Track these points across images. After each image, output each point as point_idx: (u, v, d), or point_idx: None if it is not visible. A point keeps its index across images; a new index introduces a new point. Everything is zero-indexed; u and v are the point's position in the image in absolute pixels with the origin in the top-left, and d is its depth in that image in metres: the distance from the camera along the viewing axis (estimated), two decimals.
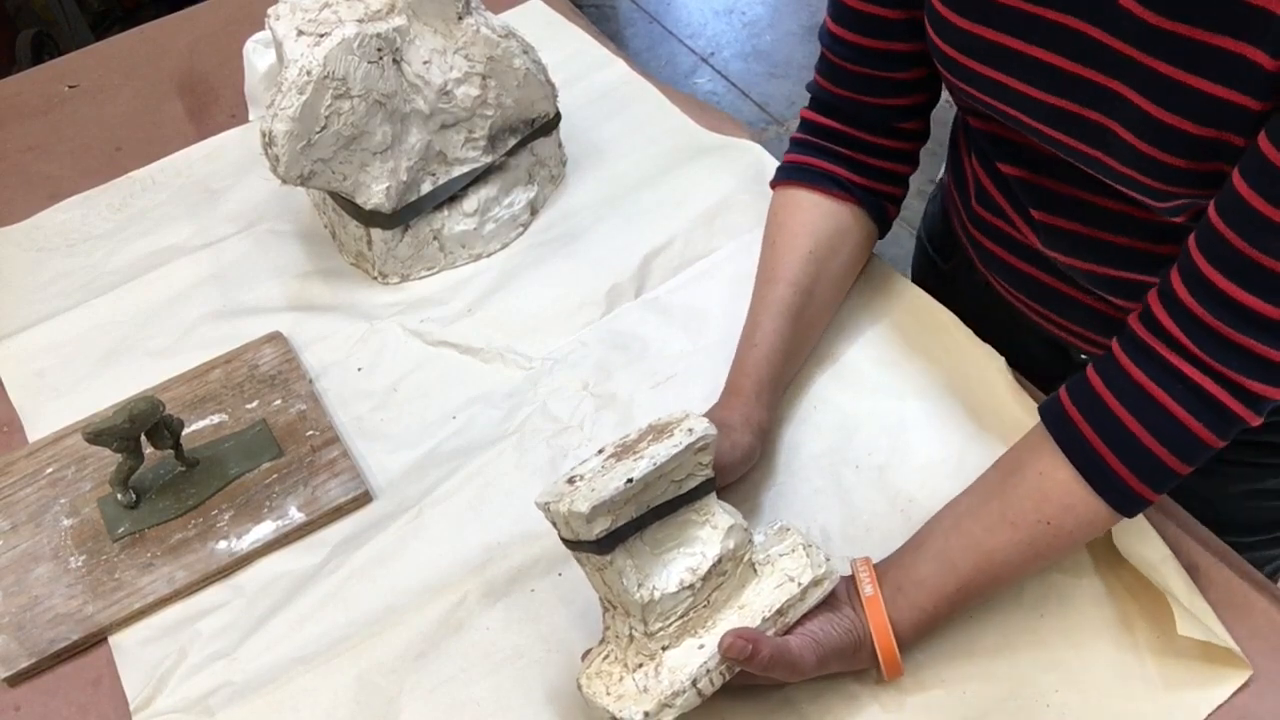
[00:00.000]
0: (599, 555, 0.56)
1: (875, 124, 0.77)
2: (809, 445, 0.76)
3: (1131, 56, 0.55)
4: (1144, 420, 0.58)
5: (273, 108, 0.78)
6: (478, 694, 0.65)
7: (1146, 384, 0.58)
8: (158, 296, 0.91)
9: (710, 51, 2.69)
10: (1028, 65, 0.61)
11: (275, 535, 0.73)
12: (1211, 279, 0.54)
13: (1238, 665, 0.61)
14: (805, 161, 0.79)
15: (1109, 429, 0.59)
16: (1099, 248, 0.69)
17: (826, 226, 0.77)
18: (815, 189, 0.77)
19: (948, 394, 0.77)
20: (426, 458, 0.77)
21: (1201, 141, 0.55)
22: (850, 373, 0.80)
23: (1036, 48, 0.60)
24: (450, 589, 0.70)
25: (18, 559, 0.73)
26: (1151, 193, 0.59)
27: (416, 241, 0.89)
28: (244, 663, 0.67)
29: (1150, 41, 0.54)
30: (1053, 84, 0.61)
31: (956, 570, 0.61)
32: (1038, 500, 0.60)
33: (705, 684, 0.57)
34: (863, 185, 0.78)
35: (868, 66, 0.73)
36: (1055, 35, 0.59)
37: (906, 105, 0.76)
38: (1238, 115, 0.53)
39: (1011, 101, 0.64)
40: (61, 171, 1.04)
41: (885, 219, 0.80)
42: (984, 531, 0.61)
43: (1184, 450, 0.57)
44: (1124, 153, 0.59)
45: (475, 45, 0.85)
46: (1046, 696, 0.62)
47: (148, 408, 0.70)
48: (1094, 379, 0.60)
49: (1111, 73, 0.57)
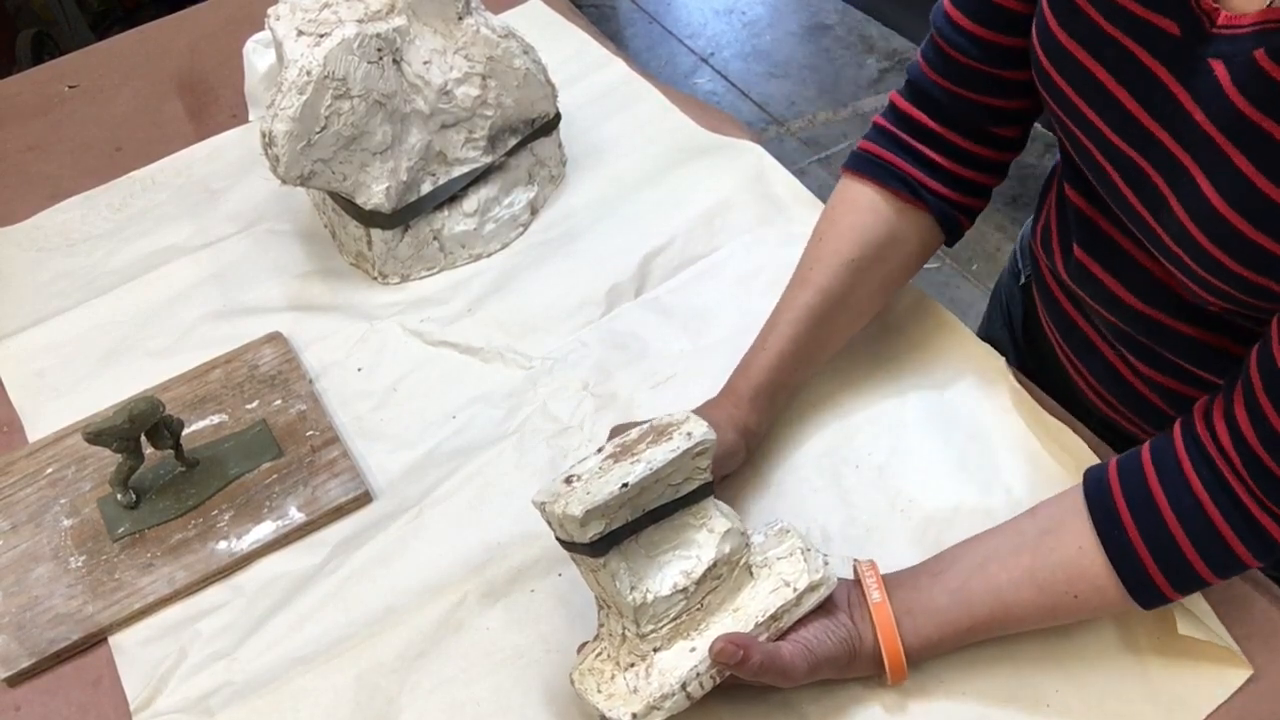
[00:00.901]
0: (593, 558, 0.56)
1: (970, 125, 0.71)
2: (809, 445, 0.76)
3: (1211, 136, 0.52)
4: (1188, 528, 0.56)
5: (273, 108, 0.79)
6: (478, 694, 0.65)
7: (1199, 492, 0.56)
8: (158, 296, 0.91)
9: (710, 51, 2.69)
10: (1107, 99, 0.58)
11: (275, 535, 0.73)
12: (1274, 425, 0.53)
13: (1238, 665, 0.61)
14: (880, 155, 0.73)
15: (1151, 527, 0.57)
16: (1125, 309, 0.67)
17: (879, 233, 0.73)
18: (882, 187, 0.73)
19: (948, 394, 0.77)
20: (426, 458, 0.77)
21: (1257, 248, 0.52)
22: (851, 372, 0.79)
23: (1121, 87, 0.57)
24: (450, 589, 0.70)
25: (18, 559, 0.73)
26: (1192, 276, 0.57)
27: (416, 242, 0.89)
28: (244, 663, 0.67)
29: (1236, 128, 0.51)
30: (1125, 129, 0.58)
31: (972, 612, 0.61)
32: (1071, 575, 0.59)
33: (694, 687, 0.57)
34: (937, 192, 0.73)
35: (979, 60, 0.68)
36: (1142, 81, 0.56)
37: (1009, 108, 0.70)
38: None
39: (1086, 131, 0.61)
40: (61, 171, 1.04)
41: (957, 229, 0.75)
42: (1009, 584, 0.60)
43: (1220, 565, 0.57)
44: (1174, 228, 0.56)
45: (475, 45, 0.85)
46: (1046, 696, 0.62)
47: (148, 408, 0.70)
48: (1148, 468, 0.58)
49: (1185, 143, 0.54)
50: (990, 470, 0.72)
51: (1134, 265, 0.65)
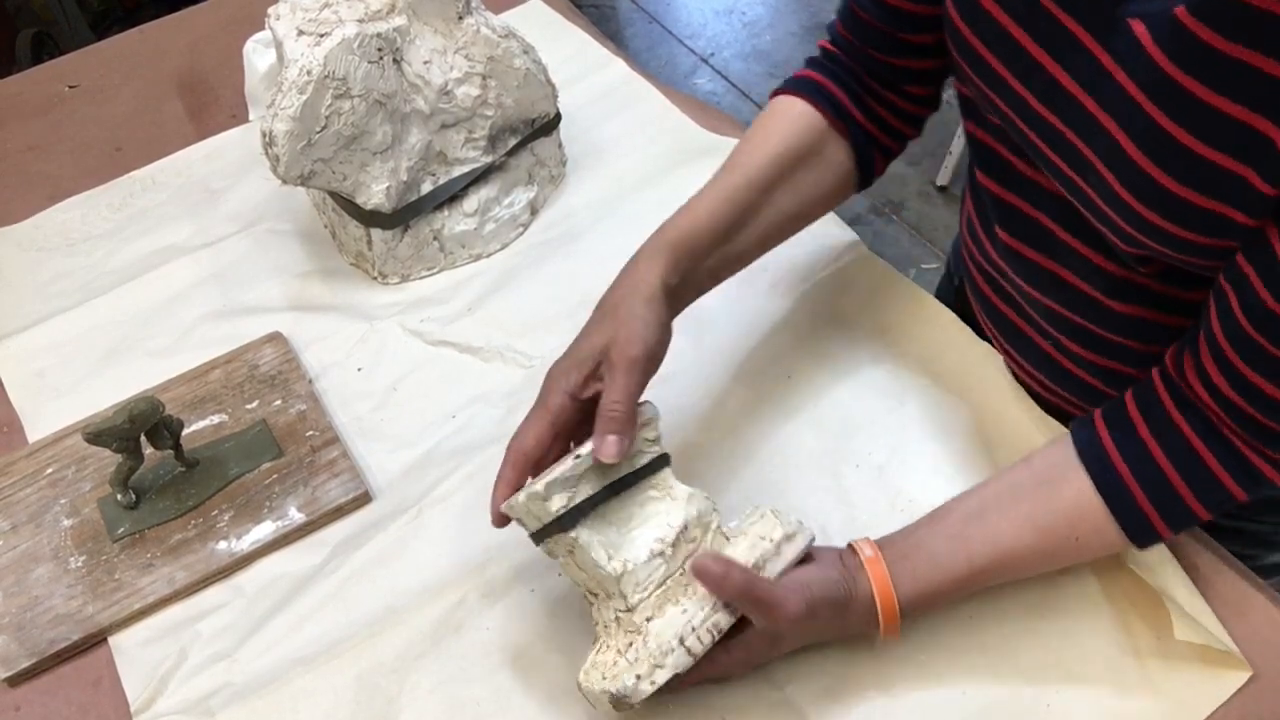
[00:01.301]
0: (565, 534, 0.58)
1: (886, 79, 0.74)
2: (809, 444, 0.76)
3: (1131, 95, 0.53)
4: (1179, 467, 0.58)
5: (273, 108, 0.79)
6: (478, 694, 0.65)
7: (1188, 433, 0.58)
8: (158, 296, 0.91)
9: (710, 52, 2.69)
10: (1027, 63, 0.59)
11: (275, 535, 0.73)
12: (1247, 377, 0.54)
13: (1237, 666, 0.61)
14: (811, 76, 0.75)
15: (1143, 467, 0.59)
16: (1058, 284, 0.69)
17: (806, 139, 0.73)
18: (811, 102, 0.74)
19: (948, 394, 0.77)
20: (426, 457, 0.77)
21: (1185, 203, 0.53)
22: (850, 372, 0.80)
23: (1041, 49, 0.58)
24: (450, 589, 0.70)
25: (18, 559, 0.72)
26: (1124, 237, 0.58)
27: (416, 242, 0.89)
28: (244, 663, 0.67)
29: (1157, 86, 0.51)
30: (1046, 93, 0.58)
31: (971, 558, 0.61)
32: (1072, 519, 0.60)
33: (693, 641, 0.57)
34: (858, 121, 0.74)
35: (885, 22, 0.71)
36: (1062, 42, 0.56)
37: (919, 69, 0.73)
38: (1242, 190, 0.50)
39: (1005, 97, 0.62)
40: (61, 171, 1.04)
41: (870, 167, 0.76)
42: (1009, 530, 0.61)
43: (1211, 500, 0.58)
44: (1102, 189, 0.57)
45: (475, 45, 0.85)
46: (1046, 696, 0.62)
47: (148, 408, 0.70)
48: (1135, 416, 0.60)
49: (1105, 104, 0.55)
50: (990, 470, 0.72)
51: (1061, 244, 0.67)
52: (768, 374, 0.80)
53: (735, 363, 0.81)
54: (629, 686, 0.56)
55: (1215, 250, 0.54)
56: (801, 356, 0.81)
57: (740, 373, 0.81)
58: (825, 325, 0.83)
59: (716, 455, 0.76)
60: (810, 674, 0.64)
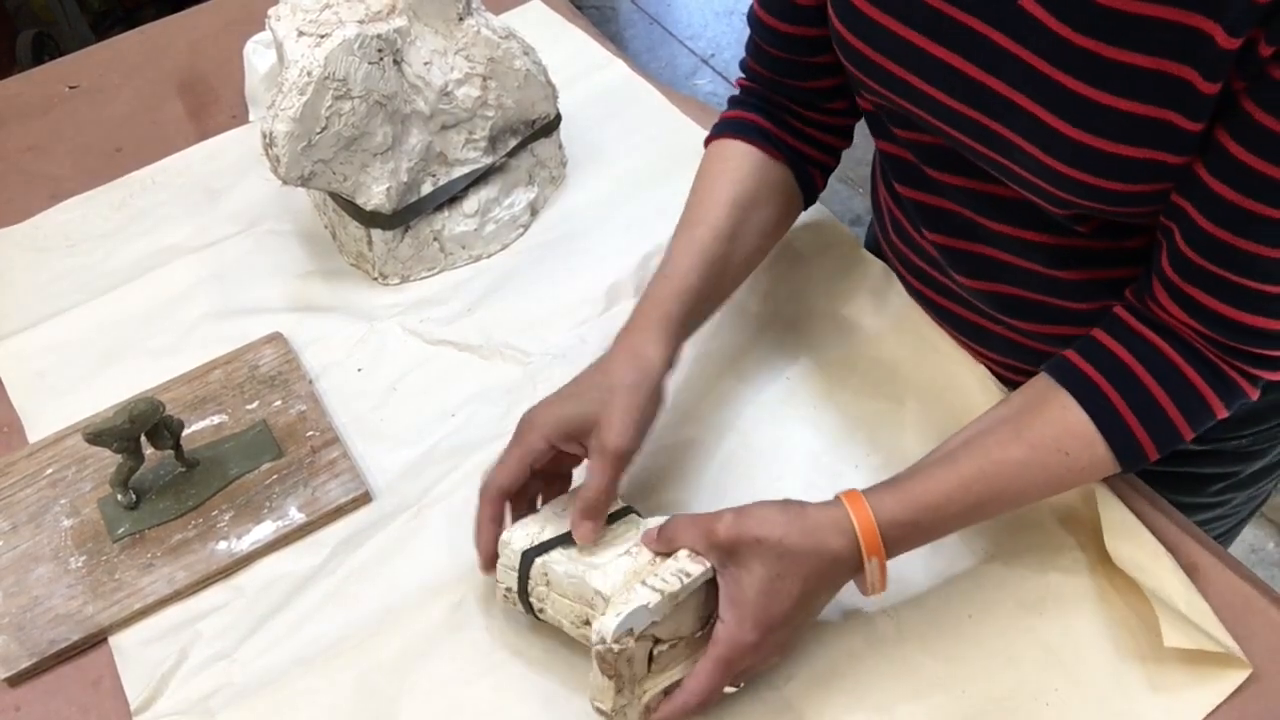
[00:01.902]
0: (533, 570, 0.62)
1: (805, 102, 0.77)
2: (809, 444, 0.76)
3: (1038, 69, 0.54)
4: (1162, 381, 0.59)
5: (273, 108, 0.79)
6: (478, 694, 0.65)
7: (1165, 349, 0.59)
8: (158, 296, 0.91)
9: (710, 53, 2.69)
10: (931, 65, 0.60)
11: (275, 536, 0.73)
12: (1204, 303, 0.56)
13: (1237, 665, 0.61)
14: (739, 116, 0.78)
15: (1126, 384, 0.60)
16: (998, 269, 0.70)
17: (753, 177, 0.75)
18: (746, 140, 0.76)
19: (946, 395, 0.77)
20: (425, 456, 0.77)
21: (1112, 158, 0.54)
22: (849, 373, 0.80)
23: (942, 48, 0.59)
24: (450, 589, 0.70)
25: (18, 559, 0.73)
26: (1056, 201, 0.59)
27: (417, 242, 0.89)
28: (244, 663, 0.67)
29: (1063, 56, 0.53)
30: (955, 88, 0.60)
31: (959, 469, 0.60)
32: (1059, 431, 0.60)
33: (656, 581, 0.57)
34: (792, 146, 0.76)
35: (788, 51, 0.73)
36: (961, 38, 0.58)
37: (831, 86, 0.75)
38: (1167, 132, 0.52)
39: (915, 100, 0.63)
40: (61, 171, 1.04)
41: (812, 186, 0.79)
42: (996, 444, 0.61)
43: (1194, 415, 0.59)
44: (1029, 164, 0.58)
45: (476, 46, 0.85)
46: (1046, 696, 0.62)
47: (148, 408, 0.70)
48: (1107, 341, 0.61)
49: (1016, 84, 0.56)
50: None
51: (991, 233, 0.68)
52: (766, 374, 0.80)
53: (734, 363, 0.81)
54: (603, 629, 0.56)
55: (1148, 196, 0.56)
56: (800, 357, 0.81)
57: (739, 373, 0.81)
58: (824, 325, 0.83)
59: (716, 455, 0.76)
60: (809, 674, 0.64)
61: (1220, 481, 0.75)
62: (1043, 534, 0.69)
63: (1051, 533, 0.69)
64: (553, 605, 0.62)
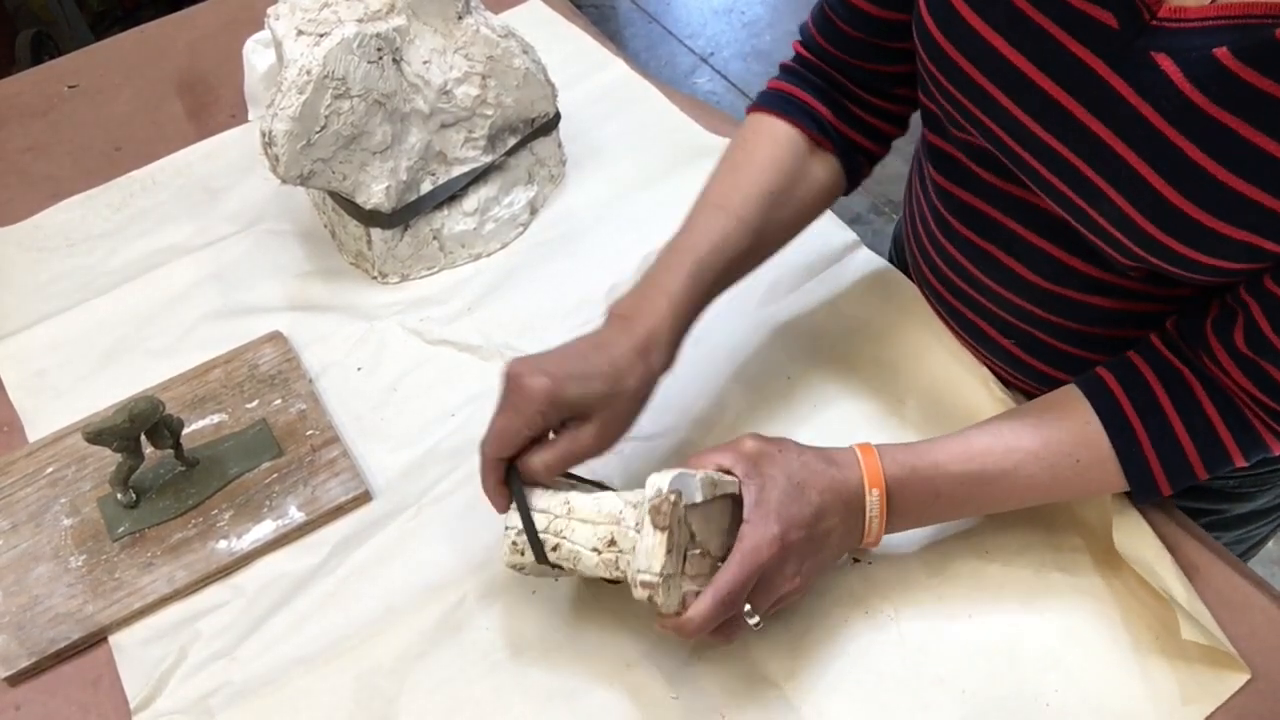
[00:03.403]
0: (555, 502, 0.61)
1: (869, 85, 0.74)
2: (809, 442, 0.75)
3: (1158, 128, 0.52)
4: (1185, 418, 0.59)
5: (272, 107, 0.79)
6: (478, 694, 0.65)
7: (1197, 389, 0.59)
8: (158, 296, 0.91)
9: (710, 51, 2.69)
10: (1025, 87, 0.57)
11: (275, 535, 0.73)
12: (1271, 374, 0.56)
13: (1237, 668, 0.61)
14: (790, 92, 0.75)
15: (1151, 413, 0.60)
16: (1027, 285, 0.69)
17: (794, 168, 0.72)
18: (794, 123, 0.73)
19: (948, 394, 0.77)
20: (426, 456, 0.77)
21: (1210, 232, 0.53)
22: (851, 373, 0.80)
23: (1044, 75, 0.56)
24: (449, 589, 0.70)
25: (18, 559, 0.73)
26: (1127, 254, 0.58)
27: (416, 241, 0.89)
28: (244, 663, 0.67)
29: (1189, 121, 0.51)
30: (1050, 121, 0.57)
31: (969, 444, 0.61)
32: (1076, 440, 0.61)
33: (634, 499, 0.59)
34: (842, 133, 0.74)
35: (866, 32, 0.70)
36: (1071, 71, 0.55)
37: (901, 73, 0.72)
38: (1275, 221, 0.50)
39: (994, 115, 0.60)
40: (61, 171, 1.04)
41: (857, 174, 0.77)
42: (1010, 431, 0.61)
43: (1212, 458, 0.59)
44: (1112, 214, 0.57)
45: (475, 45, 0.85)
46: (1046, 696, 0.62)
47: (148, 408, 0.70)
48: (1143, 368, 0.61)
49: (1125, 135, 0.54)
50: None
51: (1034, 249, 0.67)
52: (767, 374, 0.80)
53: (735, 363, 0.81)
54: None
55: (1230, 271, 0.55)
56: (801, 357, 0.81)
57: (740, 373, 0.81)
58: (825, 325, 0.83)
59: None
60: (808, 672, 0.64)
61: (1203, 517, 0.73)
62: (1043, 534, 0.69)
63: (1052, 532, 0.69)
64: (571, 534, 0.59)
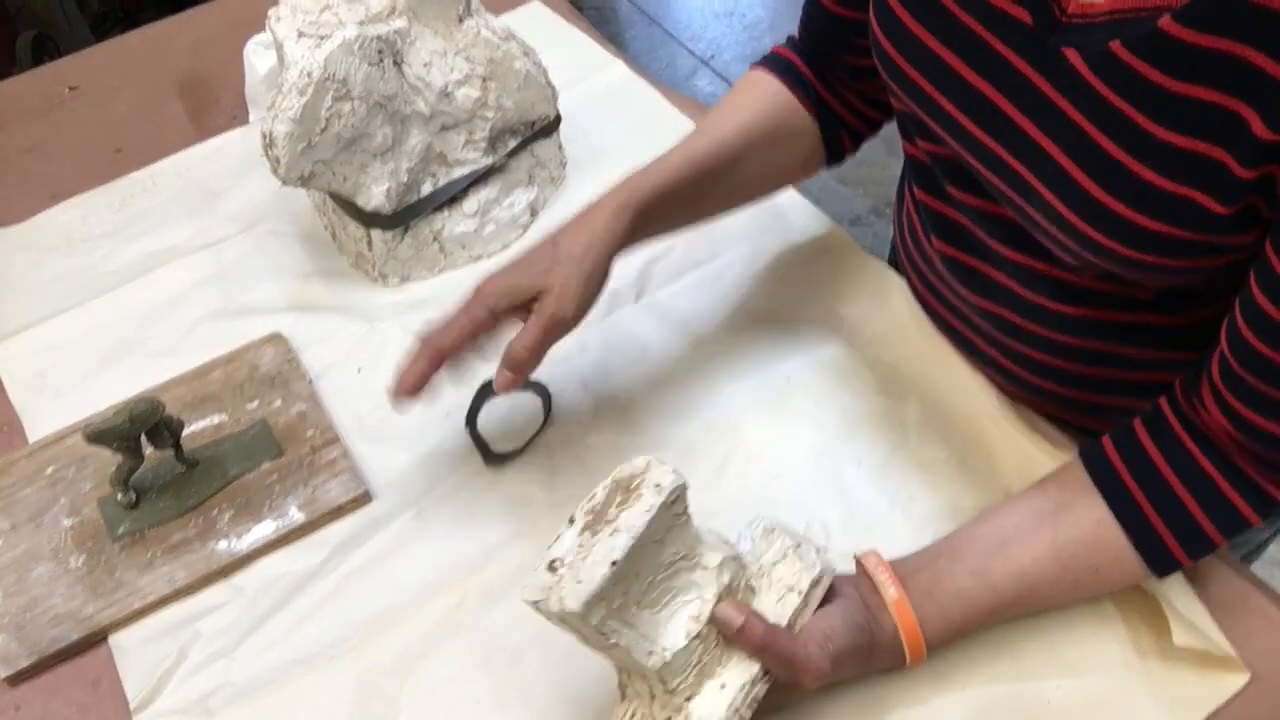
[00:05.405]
0: (601, 637, 0.53)
1: (853, 74, 0.76)
2: (810, 441, 0.76)
3: (1074, 120, 0.53)
4: (1193, 490, 0.57)
5: (273, 109, 0.79)
6: (478, 694, 0.65)
7: (1198, 456, 0.58)
8: (158, 297, 0.91)
9: (710, 54, 2.69)
10: (959, 87, 0.59)
11: (275, 535, 0.73)
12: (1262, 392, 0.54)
13: (1236, 669, 0.61)
14: (785, 55, 0.78)
15: (1157, 491, 0.58)
16: (1001, 292, 0.69)
17: (776, 116, 0.75)
18: (784, 82, 0.76)
19: (948, 394, 0.77)
20: (426, 457, 0.77)
21: (1130, 224, 0.53)
22: (851, 372, 0.80)
23: (977, 75, 0.58)
24: (450, 589, 0.70)
25: (18, 559, 0.73)
26: (1067, 251, 0.58)
27: (417, 243, 0.89)
28: (244, 663, 0.67)
29: (1098, 113, 0.52)
30: (983, 117, 0.59)
31: (996, 592, 0.60)
32: (1092, 548, 0.60)
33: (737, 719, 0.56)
34: (827, 103, 0.77)
35: (840, 32, 0.73)
36: (1000, 70, 0.57)
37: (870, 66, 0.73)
38: (1194, 212, 0.51)
39: (937, 118, 0.62)
40: (61, 172, 1.04)
41: (839, 147, 0.78)
42: (1033, 563, 0.60)
43: (1226, 525, 0.58)
44: (1045, 210, 0.57)
45: (476, 47, 0.85)
46: (1047, 695, 0.62)
47: (148, 408, 0.71)
48: (1145, 440, 0.59)
49: (1046, 129, 0.55)
50: (988, 472, 0.72)
51: (1002, 258, 0.67)
52: (767, 375, 0.80)
53: (734, 364, 0.81)
54: None
55: (1159, 268, 0.55)
56: (800, 357, 0.81)
57: (739, 374, 0.81)
58: (824, 325, 0.83)
59: (716, 455, 0.76)
60: None
61: None
62: None
63: None
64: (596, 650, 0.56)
